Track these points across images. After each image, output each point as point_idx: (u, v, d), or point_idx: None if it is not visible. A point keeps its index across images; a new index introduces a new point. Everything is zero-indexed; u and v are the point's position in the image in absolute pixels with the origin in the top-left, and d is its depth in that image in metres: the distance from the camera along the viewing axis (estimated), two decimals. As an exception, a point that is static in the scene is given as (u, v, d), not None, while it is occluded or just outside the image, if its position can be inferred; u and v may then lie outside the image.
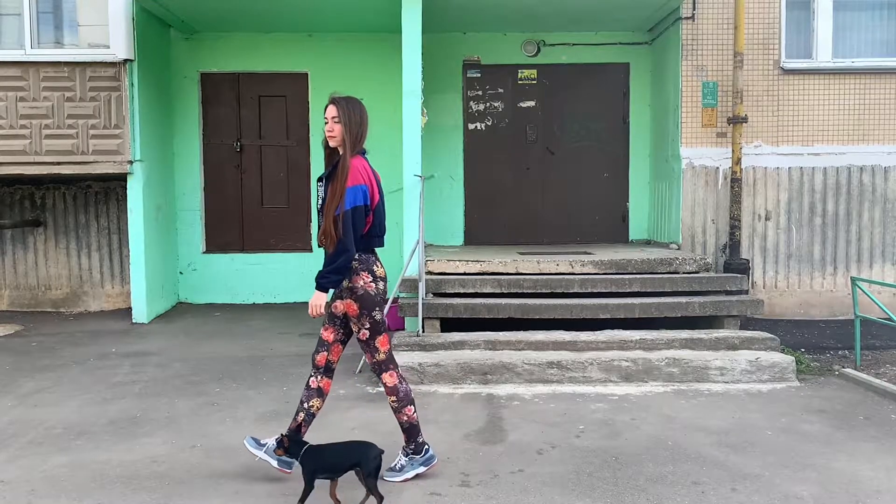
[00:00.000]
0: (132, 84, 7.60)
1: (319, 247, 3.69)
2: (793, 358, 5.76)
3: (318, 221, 3.68)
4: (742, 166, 7.57)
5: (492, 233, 8.94)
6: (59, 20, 7.96)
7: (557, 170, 8.92)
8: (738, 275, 6.78)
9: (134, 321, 7.78)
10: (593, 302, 6.30)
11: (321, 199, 3.68)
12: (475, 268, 6.72)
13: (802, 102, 7.78)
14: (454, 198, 8.94)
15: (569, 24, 8.42)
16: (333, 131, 3.67)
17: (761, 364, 5.64)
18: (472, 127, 8.94)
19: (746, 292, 6.74)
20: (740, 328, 6.32)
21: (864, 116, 7.79)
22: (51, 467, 4.03)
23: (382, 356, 3.79)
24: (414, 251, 6.41)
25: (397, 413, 3.82)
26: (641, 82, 8.82)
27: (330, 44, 8.79)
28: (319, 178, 3.76)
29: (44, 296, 8.70)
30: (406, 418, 3.81)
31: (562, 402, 5.18)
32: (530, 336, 5.98)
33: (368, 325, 3.72)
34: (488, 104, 8.93)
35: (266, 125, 8.91)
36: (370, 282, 3.69)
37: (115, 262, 8.70)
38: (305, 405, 3.81)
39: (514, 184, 8.93)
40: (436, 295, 6.46)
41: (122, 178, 8.09)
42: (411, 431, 3.83)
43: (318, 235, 3.66)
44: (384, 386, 3.83)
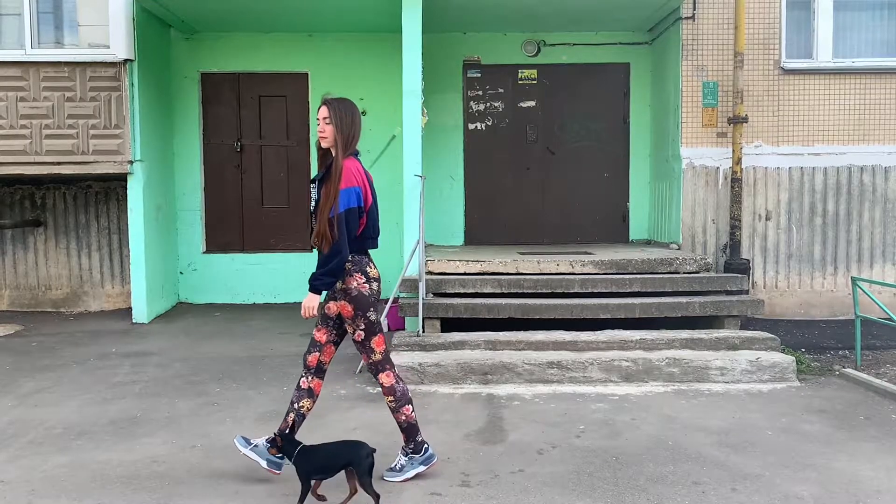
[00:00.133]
0: (132, 84, 7.60)
1: (313, 248, 3.69)
2: (793, 358, 5.76)
3: (311, 223, 3.68)
4: (742, 166, 7.56)
5: (492, 233, 8.93)
6: (59, 20, 7.96)
7: (558, 170, 8.92)
8: (739, 275, 6.78)
9: (134, 321, 7.78)
10: (593, 302, 6.30)
11: (314, 201, 3.68)
12: (475, 268, 6.72)
13: (803, 102, 7.77)
14: (454, 198, 8.94)
15: (569, 24, 8.42)
16: (325, 132, 3.67)
17: (762, 364, 5.64)
18: (472, 127, 8.94)
19: (747, 292, 6.74)
20: (741, 328, 6.32)
21: (864, 116, 7.78)
22: (51, 467, 4.03)
23: (378, 356, 3.80)
24: (414, 251, 6.41)
25: (395, 413, 3.82)
26: (642, 82, 8.82)
27: (330, 44, 8.79)
28: (312, 180, 3.76)
29: (44, 296, 8.70)
30: (404, 418, 3.81)
31: (562, 402, 5.18)
32: (530, 336, 5.98)
33: (363, 326, 3.73)
34: (488, 104, 8.93)
35: (266, 125, 8.91)
36: (364, 283, 3.70)
37: (116, 262, 8.70)
38: (296, 406, 3.81)
39: (514, 184, 8.92)
40: (436, 295, 6.46)
41: (122, 178, 8.09)
42: (410, 431, 3.84)
43: (311, 237, 3.67)
44: (381, 386, 3.83)
